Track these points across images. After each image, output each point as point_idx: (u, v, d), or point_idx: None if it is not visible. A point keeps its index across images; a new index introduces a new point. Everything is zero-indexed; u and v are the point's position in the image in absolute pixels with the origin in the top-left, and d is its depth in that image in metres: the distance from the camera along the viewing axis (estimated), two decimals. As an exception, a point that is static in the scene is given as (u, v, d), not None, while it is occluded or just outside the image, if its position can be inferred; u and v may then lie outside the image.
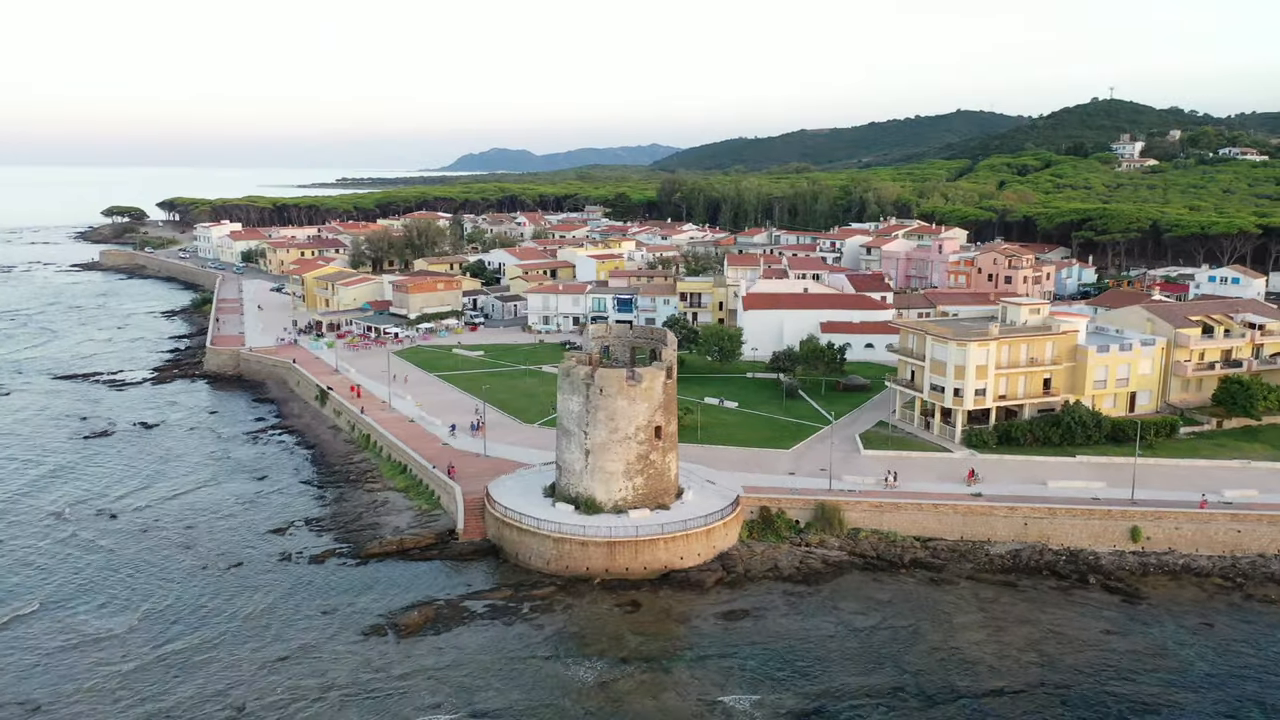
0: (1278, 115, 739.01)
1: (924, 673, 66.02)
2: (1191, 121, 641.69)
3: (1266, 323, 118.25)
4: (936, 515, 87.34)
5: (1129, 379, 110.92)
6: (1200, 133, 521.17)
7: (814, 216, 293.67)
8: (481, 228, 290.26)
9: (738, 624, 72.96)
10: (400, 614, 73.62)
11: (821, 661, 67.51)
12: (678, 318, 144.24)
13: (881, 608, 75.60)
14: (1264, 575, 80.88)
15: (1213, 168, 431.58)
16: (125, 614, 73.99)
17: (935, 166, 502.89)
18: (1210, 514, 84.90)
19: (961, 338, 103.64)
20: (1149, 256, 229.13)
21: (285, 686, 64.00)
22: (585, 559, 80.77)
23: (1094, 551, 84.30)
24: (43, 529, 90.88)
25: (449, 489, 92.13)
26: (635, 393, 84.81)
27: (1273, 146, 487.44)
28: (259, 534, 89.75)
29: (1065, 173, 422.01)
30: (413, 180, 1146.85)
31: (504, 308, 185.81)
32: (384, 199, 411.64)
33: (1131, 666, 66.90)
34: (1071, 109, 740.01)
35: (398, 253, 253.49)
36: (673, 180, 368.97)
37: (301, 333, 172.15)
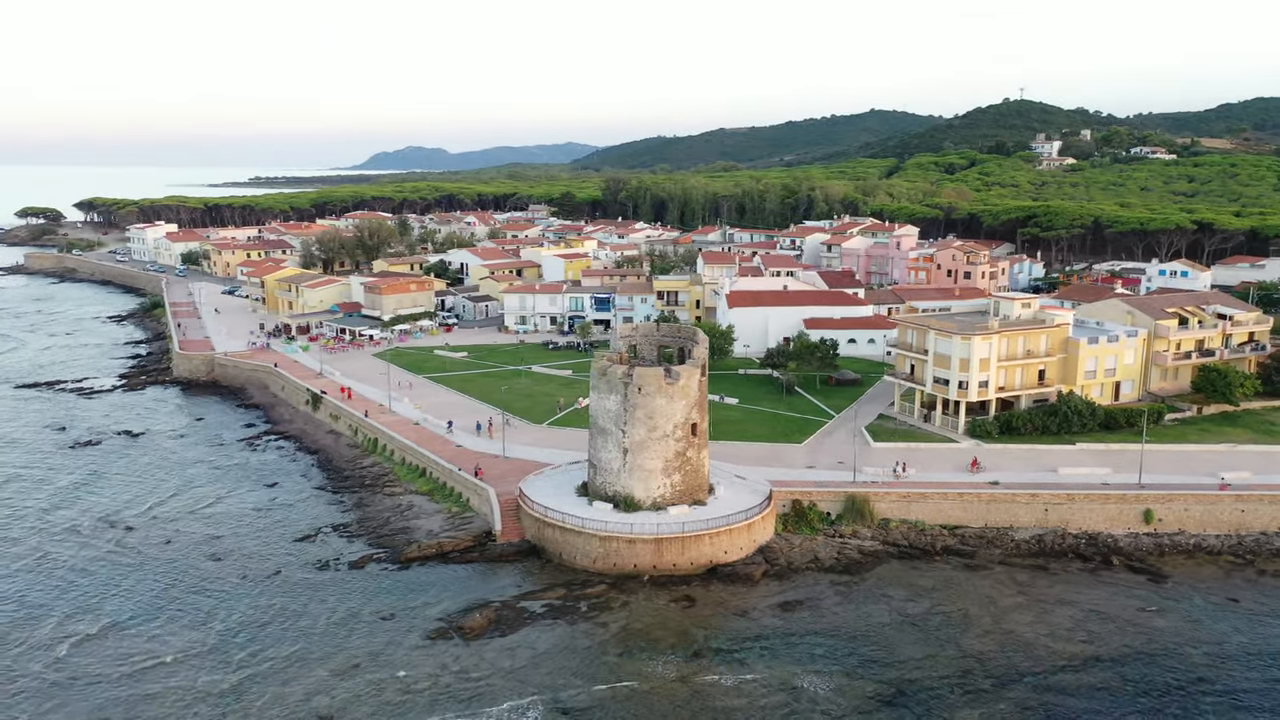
0: (1173, 115, 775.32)
1: (986, 655, 68.56)
2: (1097, 121, 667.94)
3: (1234, 314, 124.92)
4: (961, 504, 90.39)
5: (1116, 369, 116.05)
6: (1112, 132, 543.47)
7: (763, 215, 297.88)
8: (431, 228, 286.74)
9: (795, 615, 74.59)
10: (460, 617, 73.32)
11: (886, 648, 69.54)
12: (666, 316, 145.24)
13: (927, 594, 78.07)
14: (1270, 551, 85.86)
15: (1128, 166, 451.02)
16: (181, 628, 72.08)
17: (866, 165, 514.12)
18: (1217, 495, 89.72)
19: (966, 332, 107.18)
20: (1089, 252, 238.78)
21: (366, 693, 63.34)
22: (633, 556, 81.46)
23: (1111, 534, 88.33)
24: (62, 544, 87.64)
25: (480, 491, 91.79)
26: (673, 390, 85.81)
27: (1179, 146, 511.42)
28: (289, 542, 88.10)
29: (991, 171, 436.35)
30: (328, 179, 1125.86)
31: (475, 308, 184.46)
32: (319, 199, 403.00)
33: (1174, 641, 70.54)
34: (985, 109, 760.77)
35: (349, 253, 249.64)
36: (617, 179, 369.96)
37: (270, 336, 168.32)
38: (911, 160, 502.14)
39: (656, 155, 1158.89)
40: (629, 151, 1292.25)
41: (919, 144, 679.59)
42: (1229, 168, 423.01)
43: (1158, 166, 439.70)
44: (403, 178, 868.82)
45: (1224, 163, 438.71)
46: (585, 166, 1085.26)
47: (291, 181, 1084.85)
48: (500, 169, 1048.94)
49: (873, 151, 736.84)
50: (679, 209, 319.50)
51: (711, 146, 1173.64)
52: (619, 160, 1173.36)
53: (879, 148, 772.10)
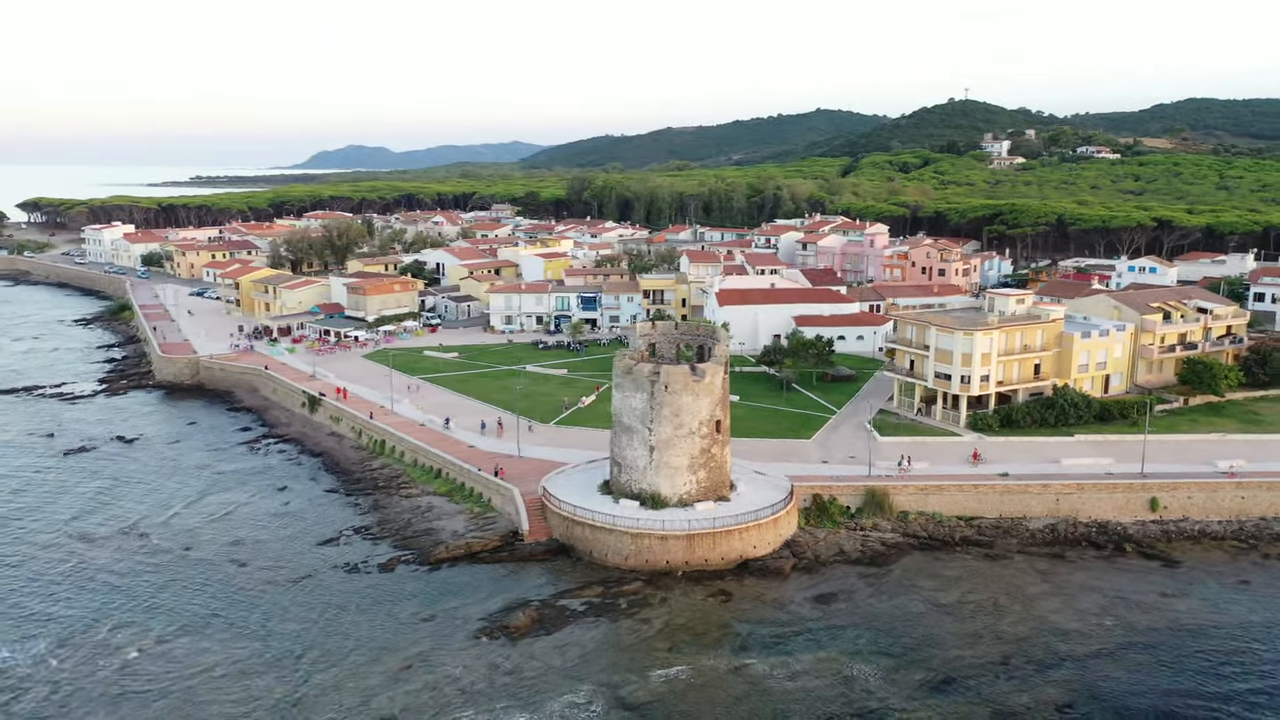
0: (1109, 115, 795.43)
1: (1023, 640, 70.56)
2: (1039, 121, 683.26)
3: (1213, 308, 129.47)
4: (976, 495, 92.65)
5: (1106, 363, 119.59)
6: (1059, 132, 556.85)
7: (730, 214, 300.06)
8: (399, 227, 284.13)
9: (832, 606, 75.98)
10: (502, 616, 73.46)
11: (927, 637, 71.20)
12: (660, 315, 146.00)
13: (955, 584, 79.99)
14: (1270, 536, 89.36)
15: (1077, 165, 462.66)
16: (224, 635, 71.16)
17: (821, 164, 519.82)
18: (1218, 483, 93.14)
19: (968, 327, 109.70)
20: (1052, 249, 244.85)
21: (424, 694, 63.28)
22: (665, 553, 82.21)
23: (1120, 522, 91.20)
24: (84, 554, 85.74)
25: (504, 491, 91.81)
26: (699, 388, 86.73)
27: (1122, 146, 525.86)
28: (312, 546, 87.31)
29: (946, 170, 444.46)
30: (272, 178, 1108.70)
31: (458, 308, 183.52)
32: (276, 198, 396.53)
33: (1199, 623, 73.25)
34: (931, 109, 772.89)
35: (317, 254, 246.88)
36: (581, 178, 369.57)
37: (251, 338, 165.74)
38: (866, 159, 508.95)
39: (605, 154, 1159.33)
40: (577, 151, 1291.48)
41: (867, 143, 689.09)
42: (1172, 166, 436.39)
43: (1105, 165, 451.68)
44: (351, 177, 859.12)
45: (1167, 161, 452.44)
46: (534, 166, 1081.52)
47: (235, 181, 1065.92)
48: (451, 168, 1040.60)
49: (821, 150, 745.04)
50: (644, 208, 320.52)
51: (660, 145, 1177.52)
52: (568, 159, 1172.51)
53: (827, 146, 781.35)
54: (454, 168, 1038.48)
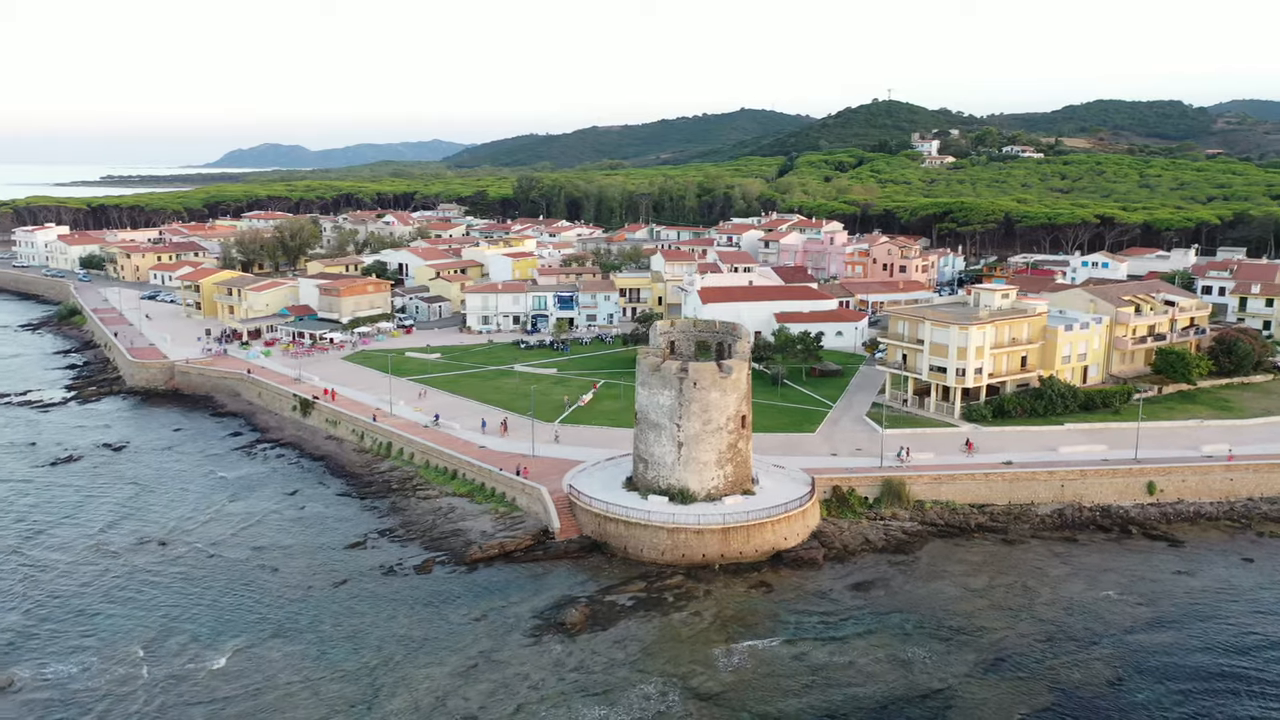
0: (1023, 116, 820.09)
1: (1060, 621, 73.72)
2: (960, 121, 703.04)
3: (1179, 300, 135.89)
4: (987, 484, 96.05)
5: (1086, 354, 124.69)
6: (985, 132, 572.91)
7: (683, 212, 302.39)
8: (348, 228, 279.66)
9: (871, 594, 78.23)
10: (553, 614, 73.98)
11: (968, 619, 73.90)
12: (649, 314, 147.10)
13: (981, 569, 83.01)
14: (1259, 515, 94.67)
15: (1004, 164, 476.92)
16: (278, 642, 70.29)
17: (757, 163, 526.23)
18: (1209, 466, 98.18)
19: (963, 321, 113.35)
20: (999, 245, 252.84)
21: (498, 693, 63.52)
22: (701, 546, 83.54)
23: (1121, 506, 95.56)
24: (106, 565, 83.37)
25: (530, 490, 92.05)
26: (726, 384, 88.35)
27: (1045, 145, 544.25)
28: (340, 550, 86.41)
29: (882, 169, 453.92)
30: (188, 178, 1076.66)
31: (430, 308, 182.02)
32: (210, 198, 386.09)
33: (1215, 599, 77.40)
34: (856, 109, 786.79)
35: (269, 255, 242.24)
36: (529, 177, 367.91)
37: (221, 342, 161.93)
38: (802, 158, 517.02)
39: (533, 153, 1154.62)
40: (505, 149, 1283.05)
41: (797, 142, 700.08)
42: (1095, 165, 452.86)
43: (1032, 164, 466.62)
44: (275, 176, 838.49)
45: (1090, 161, 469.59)
46: (461, 165, 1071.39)
47: (148, 180, 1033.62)
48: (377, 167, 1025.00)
49: (750, 149, 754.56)
50: (594, 207, 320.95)
51: (587, 144, 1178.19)
52: (494, 158, 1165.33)
53: (755, 145, 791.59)
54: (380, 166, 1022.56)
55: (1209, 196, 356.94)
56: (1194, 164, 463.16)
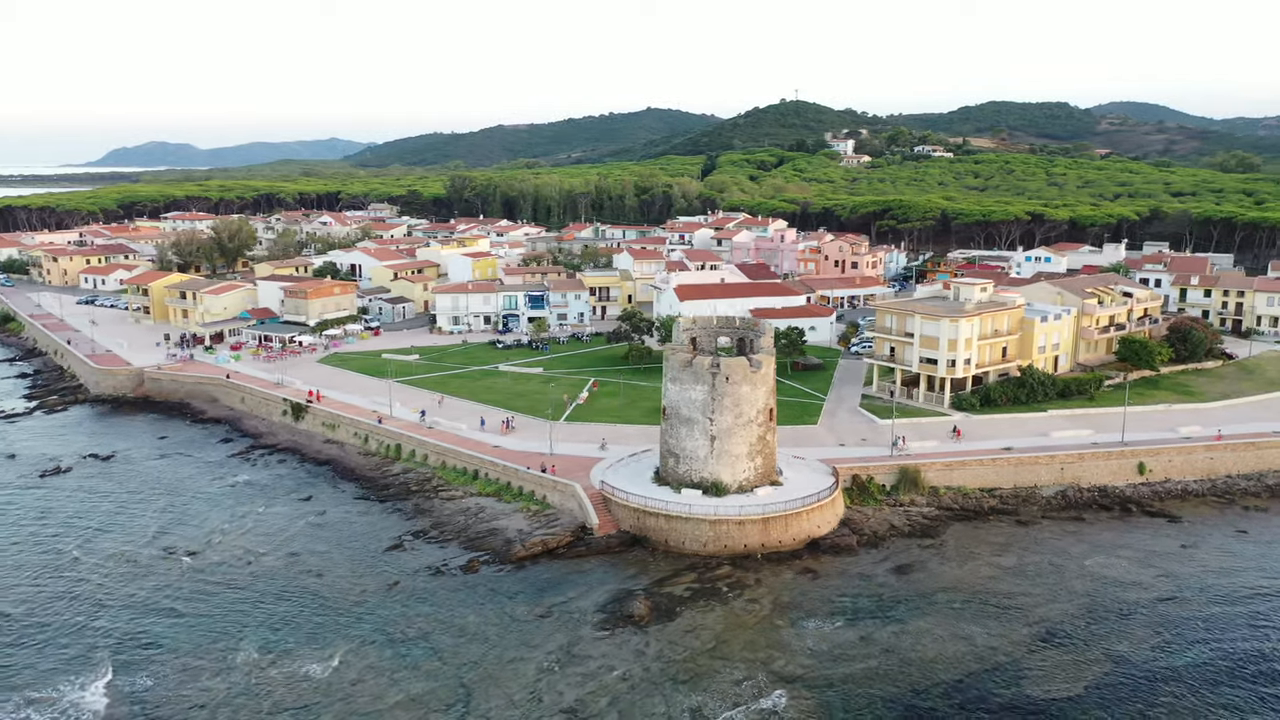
0: (921, 116, 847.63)
1: (1093, 595, 78.13)
2: (864, 121, 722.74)
3: (1135, 292, 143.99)
4: (994, 469, 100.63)
5: (1059, 344, 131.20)
6: (897, 132, 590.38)
7: (623, 211, 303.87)
8: (282, 228, 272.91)
9: (912, 576, 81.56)
10: (616, 607, 75.13)
11: (1009, 596, 77.75)
12: (634, 312, 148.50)
13: (1007, 549, 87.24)
14: (1240, 490, 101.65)
15: (918, 163, 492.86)
16: (352, 646, 69.70)
17: (680, 162, 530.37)
18: (1191, 446, 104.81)
19: (953, 314, 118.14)
20: (935, 242, 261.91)
21: (588, 686, 64.39)
22: (743, 537, 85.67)
23: (1115, 486, 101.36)
24: (130, 576, 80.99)
25: (563, 487, 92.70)
26: (756, 378, 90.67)
27: (953, 145, 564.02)
28: (379, 553, 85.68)
29: (803, 168, 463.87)
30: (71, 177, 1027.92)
31: (394, 310, 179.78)
32: (124, 199, 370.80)
33: (1225, 569, 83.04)
34: (764, 109, 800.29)
35: (207, 256, 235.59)
36: (461, 176, 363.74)
37: (182, 346, 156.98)
38: (723, 157, 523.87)
39: (440, 152, 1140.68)
40: (410, 148, 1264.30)
41: (710, 141, 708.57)
42: (1004, 165, 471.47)
43: (945, 164, 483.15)
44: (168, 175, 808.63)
45: (999, 160, 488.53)
46: (365, 164, 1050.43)
47: (29, 180, 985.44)
48: (277, 165, 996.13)
49: (661, 148, 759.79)
50: (531, 206, 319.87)
51: (494, 142, 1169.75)
52: (400, 157, 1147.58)
53: (665, 145, 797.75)
54: (282, 165, 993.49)
55: (1114, 194, 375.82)
56: (1093, 163, 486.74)
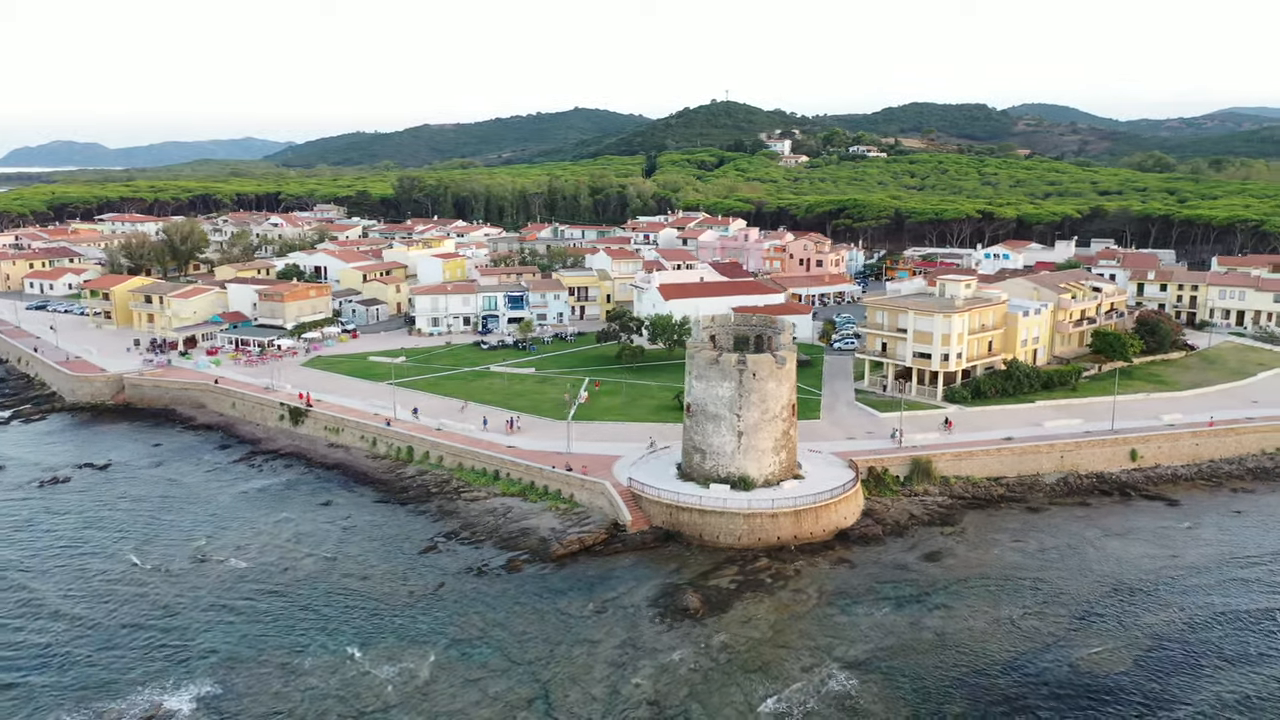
0: (846, 117, 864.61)
1: (1117, 575, 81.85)
2: (794, 122, 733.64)
3: (1104, 287, 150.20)
4: (999, 458, 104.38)
5: (1039, 337, 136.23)
6: (833, 133, 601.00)
7: (578, 211, 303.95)
8: (230, 230, 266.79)
9: (943, 562, 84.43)
10: (667, 600, 76.43)
11: (1040, 580, 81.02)
12: (621, 312, 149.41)
13: (1026, 534, 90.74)
14: (1225, 474, 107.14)
15: (855, 163, 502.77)
16: (415, 646, 69.69)
17: (620, 162, 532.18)
18: (1178, 433, 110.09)
19: (946, 310, 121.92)
20: (889, 240, 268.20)
21: (661, 679, 65.44)
22: (776, 529, 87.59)
23: (1111, 472, 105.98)
24: (166, 586, 79.36)
25: (591, 485, 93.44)
26: (781, 374, 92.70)
27: (886, 145, 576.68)
28: (415, 555, 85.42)
29: (745, 168, 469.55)
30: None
31: (368, 312, 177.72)
32: (54, 201, 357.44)
33: (1228, 548, 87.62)
34: (695, 110, 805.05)
35: (158, 259, 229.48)
36: (411, 176, 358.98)
37: (155, 351, 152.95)
38: (664, 157, 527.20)
39: (365, 152, 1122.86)
40: (333, 147, 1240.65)
41: (643, 141, 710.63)
42: (938, 165, 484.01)
43: (881, 163, 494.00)
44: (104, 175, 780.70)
45: (932, 160, 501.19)
46: (288, 164, 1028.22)
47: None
48: (197, 165, 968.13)
49: (593, 148, 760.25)
50: (484, 206, 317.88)
51: (421, 142, 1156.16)
52: (321, 156, 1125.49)
53: (597, 144, 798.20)
54: (201, 165, 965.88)
55: (1045, 193, 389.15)
56: (1021, 163, 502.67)
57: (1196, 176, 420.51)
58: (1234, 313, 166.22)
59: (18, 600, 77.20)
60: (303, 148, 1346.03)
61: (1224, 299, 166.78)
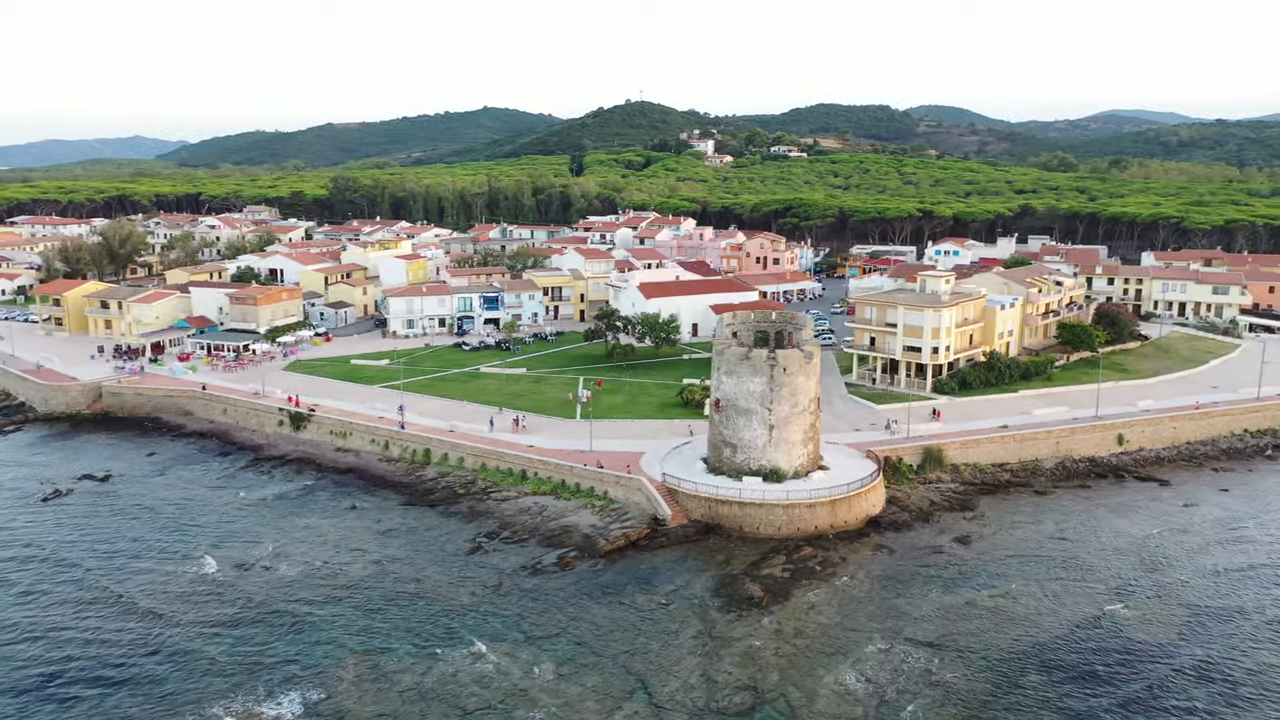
0: (756, 117, 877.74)
1: (1137, 552, 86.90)
2: (708, 122, 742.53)
3: (1065, 280, 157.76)
4: (1001, 445, 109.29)
5: (1012, 330, 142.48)
6: (754, 133, 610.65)
7: (521, 211, 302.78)
8: (165, 233, 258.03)
9: (975, 546, 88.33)
10: (729, 590, 78.42)
11: (1068, 558, 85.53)
12: (606, 312, 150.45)
13: (1041, 516, 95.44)
14: (1203, 455, 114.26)
15: (779, 163, 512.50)
16: (499, 647, 69.99)
17: (546, 162, 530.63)
18: (1157, 418, 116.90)
19: (935, 305, 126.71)
20: (832, 238, 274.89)
21: (749, 667, 67.29)
22: (813, 519, 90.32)
23: (1101, 456, 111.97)
24: (216, 596, 77.70)
25: (627, 482, 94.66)
26: (809, 368, 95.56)
27: (806, 146, 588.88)
28: (462, 556, 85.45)
29: (674, 167, 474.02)
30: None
31: (337, 314, 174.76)
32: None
33: (1224, 521, 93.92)
34: (610, 110, 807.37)
35: (95, 263, 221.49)
36: (345, 177, 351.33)
37: (123, 358, 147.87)
38: (590, 156, 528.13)
39: (266, 150, 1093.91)
40: (231, 146, 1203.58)
41: (559, 141, 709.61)
42: (860, 165, 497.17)
43: (805, 163, 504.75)
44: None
45: (854, 160, 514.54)
46: (184, 163, 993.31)
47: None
48: (89, 165, 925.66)
49: (506, 149, 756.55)
50: (423, 207, 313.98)
51: (325, 141, 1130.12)
52: (221, 156, 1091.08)
53: (511, 144, 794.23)
54: (92, 165, 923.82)
55: (965, 191, 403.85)
56: (938, 163, 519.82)
57: (1103, 176, 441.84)
58: (1176, 304, 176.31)
59: (70, 615, 74.68)
60: (198, 147, 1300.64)
61: (1166, 291, 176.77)
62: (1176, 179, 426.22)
